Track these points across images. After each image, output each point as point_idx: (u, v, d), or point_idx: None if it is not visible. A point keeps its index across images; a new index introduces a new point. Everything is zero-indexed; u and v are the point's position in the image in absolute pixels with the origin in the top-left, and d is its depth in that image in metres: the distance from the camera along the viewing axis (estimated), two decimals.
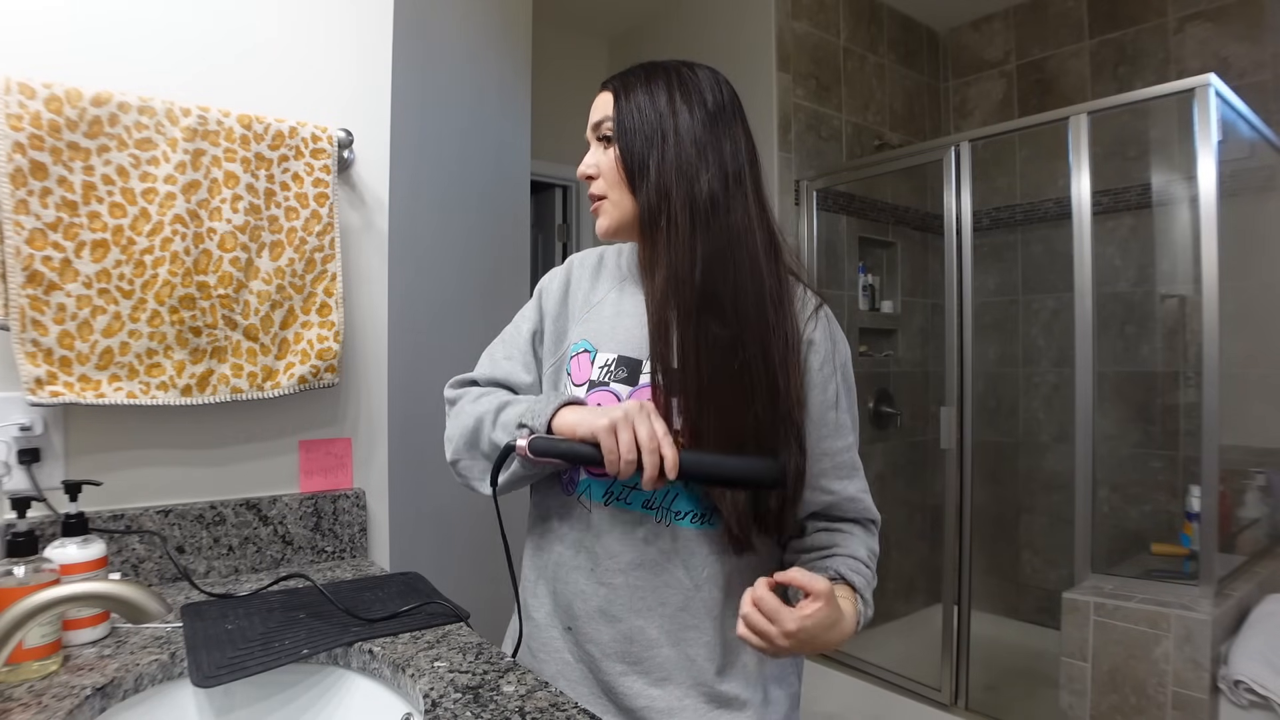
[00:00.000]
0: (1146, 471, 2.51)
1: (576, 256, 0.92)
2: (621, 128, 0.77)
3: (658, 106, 0.76)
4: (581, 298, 0.87)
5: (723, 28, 2.74)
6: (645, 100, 0.77)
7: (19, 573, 0.75)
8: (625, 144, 0.77)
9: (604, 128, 0.80)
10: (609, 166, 0.79)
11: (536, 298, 0.91)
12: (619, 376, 0.79)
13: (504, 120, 1.94)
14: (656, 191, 0.75)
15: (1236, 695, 1.57)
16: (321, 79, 1.20)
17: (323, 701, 0.83)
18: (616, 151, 0.78)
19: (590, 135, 0.82)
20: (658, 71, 0.79)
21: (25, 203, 0.91)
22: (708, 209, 0.74)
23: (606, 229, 0.81)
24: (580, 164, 0.83)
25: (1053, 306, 2.83)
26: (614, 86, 0.80)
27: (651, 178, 0.75)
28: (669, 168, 0.75)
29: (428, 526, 1.57)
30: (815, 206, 2.61)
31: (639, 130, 0.76)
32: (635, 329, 0.80)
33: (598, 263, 0.90)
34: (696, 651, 0.78)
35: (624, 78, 0.80)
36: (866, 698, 2.32)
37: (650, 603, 0.78)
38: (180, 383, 1.02)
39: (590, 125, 0.81)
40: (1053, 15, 2.85)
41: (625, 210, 0.79)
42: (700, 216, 0.74)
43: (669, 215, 0.74)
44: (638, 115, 0.77)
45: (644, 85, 0.78)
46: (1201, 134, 1.70)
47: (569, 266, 0.91)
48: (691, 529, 0.78)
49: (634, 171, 0.77)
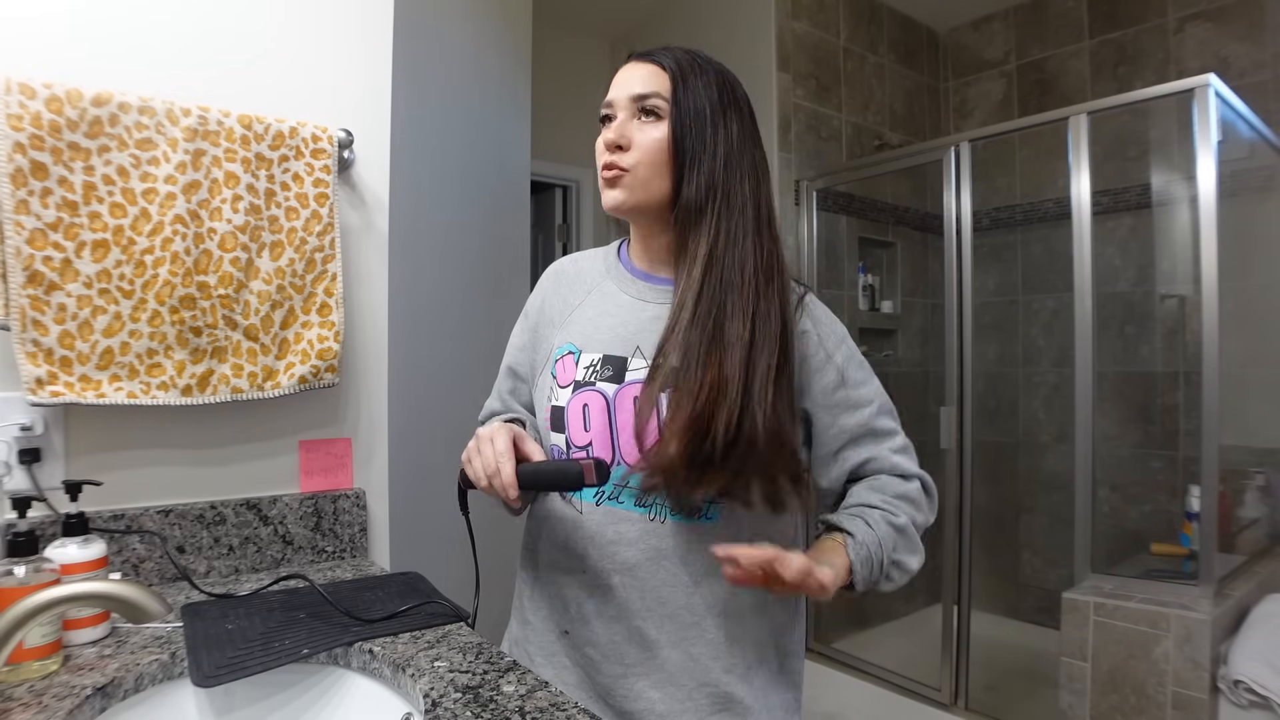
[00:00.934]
0: (1146, 471, 2.51)
1: (551, 268, 0.93)
2: (680, 110, 0.75)
3: (712, 99, 0.76)
4: (560, 303, 0.87)
5: (723, 28, 2.75)
6: (702, 90, 0.75)
7: (19, 573, 0.75)
8: (682, 128, 0.75)
9: (652, 102, 0.75)
10: (651, 145, 0.75)
11: (522, 320, 0.93)
12: (604, 375, 0.79)
13: (504, 120, 1.94)
14: (707, 184, 0.74)
15: (1236, 695, 1.57)
16: (322, 79, 1.20)
17: (323, 701, 0.83)
18: (669, 132, 0.75)
19: (624, 103, 0.77)
20: (707, 64, 0.78)
21: (26, 203, 0.91)
22: (748, 209, 0.76)
23: (623, 204, 0.77)
24: (606, 130, 0.78)
25: (1053, 306, 2.83)
26: (666, 65, 0.76)
27: (704, 169, 0.74)
28: (719, 164, 0.75)
29: (428, 526, 1.57)
30: (815, 206, 2.61)
31: (699, 118, 0.75)
32: (618, 327, 0.80)
33: (574, 267, 0.90)
34: (699, 650, 0.77)
35: (673, 58, 0.77)
36: (866, 698, 2.32)
37: (649, 602, 0.77)
38: (180, 383, 1.02)
39: (629, 95, 0.76)
40: (1053, 15, 2.85)
41: (654, 192, 0.76)
42: (739, 215, 0.75)
43: (714, 209, 0.74)
44: (697, 103, 0.75)
45: (699, 74, 0.76)
46: (1201, 134, 1.70)
47: (543, 281, 0.92)
48: (686, 523, 0.77)
49: (686, 158, 0.75)
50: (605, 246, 0.90)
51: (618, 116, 0.77)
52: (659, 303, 0.80)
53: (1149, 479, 2.49)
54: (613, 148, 0.77)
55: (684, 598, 0.77)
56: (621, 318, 0.81)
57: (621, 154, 0.76)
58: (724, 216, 0.75)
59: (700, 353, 0.72)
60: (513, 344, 0.94)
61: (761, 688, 0.80)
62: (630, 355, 0.78)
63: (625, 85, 0.77)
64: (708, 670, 0.77)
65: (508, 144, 1.95)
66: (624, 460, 0.77)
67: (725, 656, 0.77)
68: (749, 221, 0.76)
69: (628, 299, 0.83)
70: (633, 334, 0.80)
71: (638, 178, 0.76)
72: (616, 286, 0.84)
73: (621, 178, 0.76)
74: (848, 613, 2.69)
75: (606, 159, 0.77)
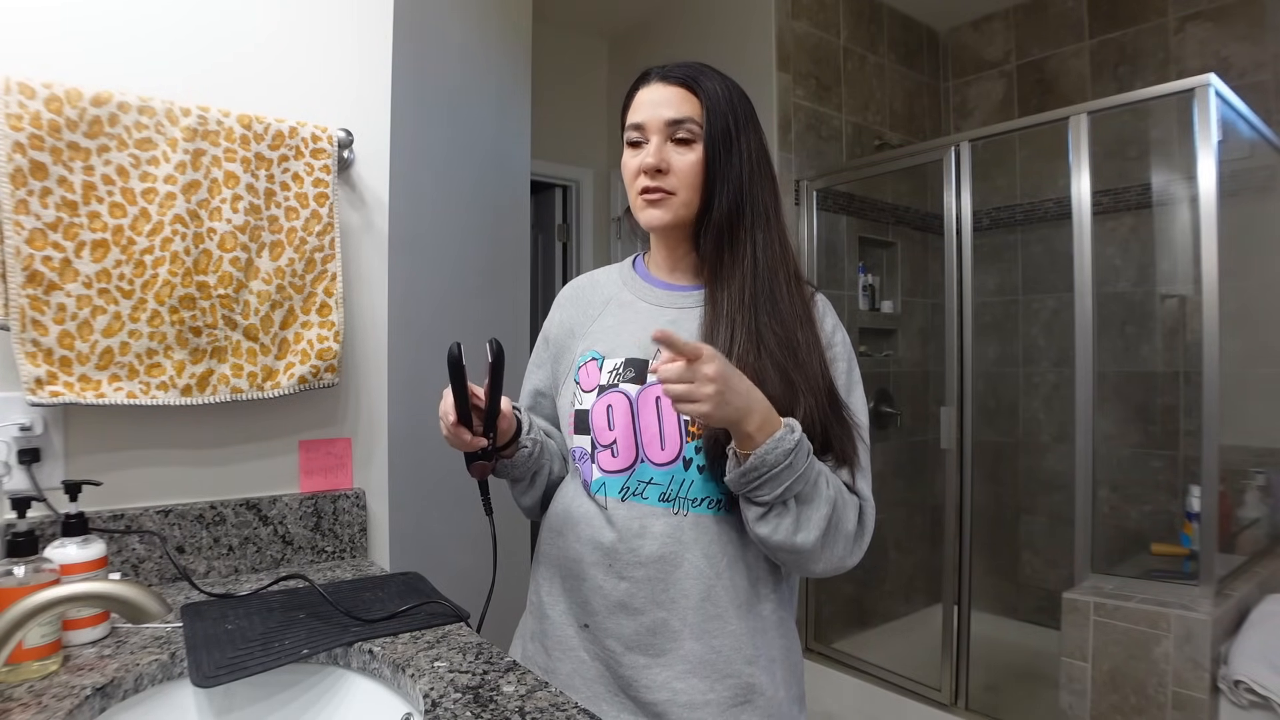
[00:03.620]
0: (1146, 471, 2.51)
1: (568, 287, 0.98)
2: (711, 135, 0.80)
3: (736, 119, 0.81)
4: (580, 316, 0.92)
5: (723, 27, 2.74)
6: (727, 110, 0.81)
7: (19, 573, 0.75)
8: (714, 152, 0.80)
9: (686, 128, 0.80)
10: (689, 169, 0.81)
11: (542, 343, 0.96)
12: (627, 377, 0.83)
13: (504, 120, 1.94)
14: (735, 199, 0.81)
15: (1236, 695, 1.57)
16: (321, 79, 1.20)
17: (323, 702, 0.83)
18: (703, 156, 0.80)
19: (658, 128, 0.81)
20: (726, 82, 0.83)
21: (25, 203, 0.91)
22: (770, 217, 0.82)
23: (665, 222, 0.82)
24: (642, 153, 0.82)
25: (1053, 306, 2.83)
26: (696, 90, 0.81)
27: (733, 186, 0.81)
28: (745, 179, 0.81)
29: (428, 526, 1.57)
30: (815, 206, 2.61)
31: (727, 139, 0.81)
32: (639, 333, 0.85)
33: (590, 284, 0.96)
34: (722, 643, 0.79)
35: (700, 82, 0.82)
36: (866, 698, 2.32)
37: (673, 594, 0.79)
38: (180, 383, 1.02)
39: (663, 120, 0.81)
40: (1053, 15, 2.85)
41: (693, 210, 0.82)
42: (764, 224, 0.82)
43: (744, 222, 0.81)
44: (724, 126, 0.81)
45: (725, 97, 0.82)
46: (1201, 134, 1.70)
47: (561, 303, 0.97)
48: (709, 515, 0.79)
49: (718, 178, 0.80)
50: (618, 263, 0.97)
51: (650, 140, 0.82)
52: (677, 307, 0.86)
53: (1149, 479, 2.49)
54: (652, 172, 0.81)
55: (707, 590, 0.79)
56: (642, 324, 0.86)
57: (662, 177, 0.81)
58: (754, 227, 0.81)
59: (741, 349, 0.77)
60: (533, 365, 0.98)
61: (783, 680, 0.82)
62: (652, 358, 0.82)
63: (656, 109, 0.82)
64: (730, 662, 0.79)
65: (508, 144, 1.95)
66: (647, 457, 0.80)
67: (748, 648, 0.79)
68: (773, 229, 0.83)
69: (647, 306, 0.88)
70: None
71: (680, 199, 0.81)
72: (634, 296, 0.90)
73: (666, 199, 0.82)
74: (846, 613, 2.70)
75: (647, 182, 0.82)
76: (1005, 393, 2.94)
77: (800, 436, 0.70)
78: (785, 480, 0.69)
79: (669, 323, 0.85)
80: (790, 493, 0.71)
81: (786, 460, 0.69)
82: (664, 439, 0.80)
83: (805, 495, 0.72)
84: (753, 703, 0.79)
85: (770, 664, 0.81)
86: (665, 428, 0.80)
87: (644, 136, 0.82)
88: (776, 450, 0.68)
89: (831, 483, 0.76)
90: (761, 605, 0.81)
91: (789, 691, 0.83)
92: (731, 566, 0.79)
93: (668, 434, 0.80)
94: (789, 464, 0.69)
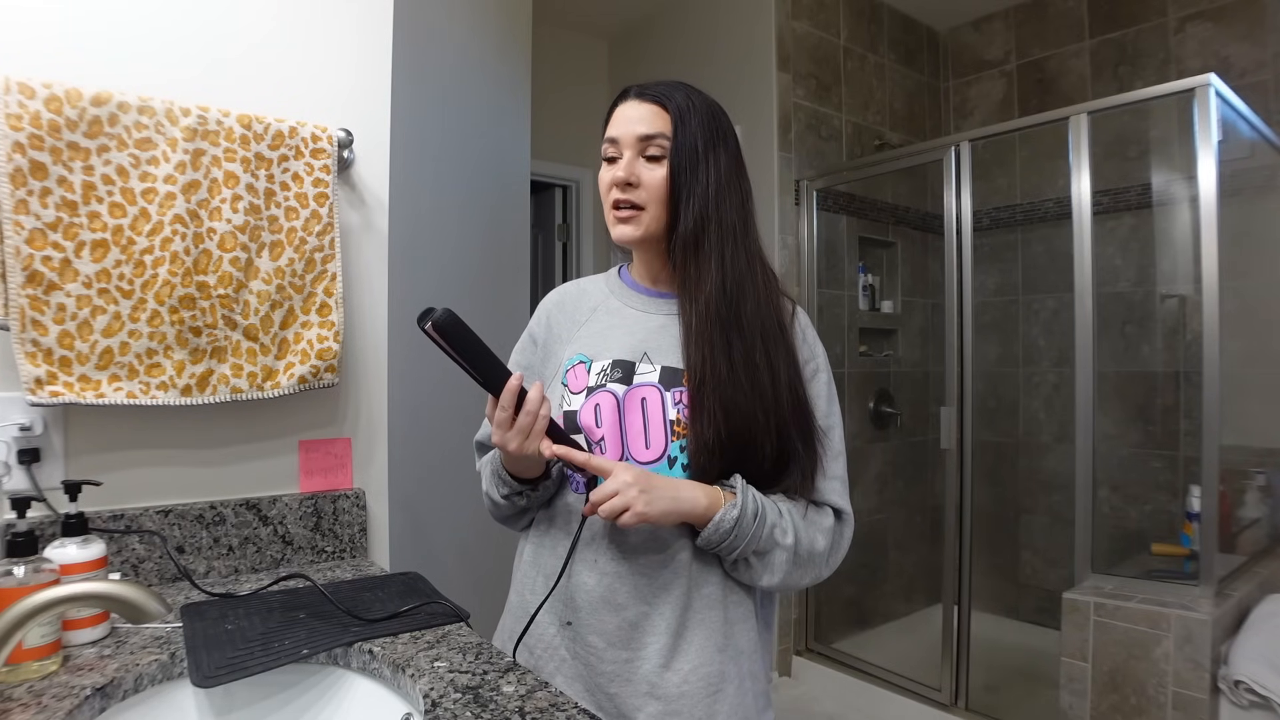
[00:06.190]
0: (1146, 471, 2.51)
1: (551, 295, 0.99)
2: (679, 153, 0.81)
3: (705, 137, 0.82)
4: (567, 321, 0.94)
5: (723, 28, 2.74)
6: (696, 128, 0.82)
7: (19, 573, 0.75)
8: (678, 166, 0.81)
9: (656, 143, 0.82)
10: (656, 183, 0.82)
11: (529, 344, 0.97)
12: (614, 377, 0.84)
13: (504, 120, 1.94)
14: (700, 215, 0.81)
15: (1237, 695, 1.57)
16: (321, 79, 1.20)
17: (323, 702, 0.83)
18: (669, 172, 0.82)
19: (630, 143, 0.82)
20: (700, 101, 0.84)
21: (25, 203, 0.91)
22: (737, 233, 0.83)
23: (635, 238, 0.84)
24: (615, 168, 0.84)
25: (1053, 306, 2.83)
26: (667, 106, 0.82)
27: (698, 201, 0.81)
28: (710, 196, 0.82)
29: (428, 526, 1.57)
30: (815, 206, 2.61)
31: (693, 156, 0.82)
32: (626, 336, 0.87)
33: (577, 291, 0.97)
34: (698, 635, 0.80)
35: (671, 98, 0.83)
36: (866, 698, 2.32)
37: (655, 588, 0.80)
38: (180, 383, 1.01)
39: (635, 136, 0.82)
40: (1053, 15, 2.85)
41: (661, 224, 0.84)
42: (731, 240, 0.82)
43: (709, 238, 0.81)
44: (691, 142, 0.82)
45: (696, 114, 0.83)
46: (1201, 134, 1.70)
47: (547, 307, 0.97)
48: None
49: (682, 193, 0.82)
50: (604, 273, 0.99)
51: (623, 155, 0.83)
52: (662, 314, 0.88)
53: (1149, 479, 2.49)
54: (623, 185, 0.83)
55: (687, 585, 0.81)
56: (629, 328, 0.88)
57: (632, 190, 0.83)
58: (719, 243, 0.82)
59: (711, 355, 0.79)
60: (517, 355, 0.98)
61: (750, 671, 0.85)
62: (638, 360, 0.85)
63: (629, 125, 0.83)
64: (703, 650, 0.80)
65: (508, 144, 1.95)
66: (632, 455, 0.81)
67: (720, 637, 0.82)
68: (740, 245, 0.83)
69: (634, 312, 0.90)
70: (640, 341, 0.86)
71: (649, 214, 0.83)
72: (621, 303, 0.92)
73: (638, 215, 0.83)
74: (847, 614, 2.70)
75: (618, 196, 0.84)
76: (1005, 393, 2.94)
77: (739, 513, 0.76)
78: (736, 547, 0.77)
79: (657, 328, 0.86)
80: (744, 553, 0.78)
81: (729, 537, 0.77)
82: (649, 437, 0.81)
83: (761, 550, 0.79)
84: (723, 691, 0.81)
85: (739, 655, 0.83)
86: (650, 426, 0.82)
87: (618, 151, 0.84)
88: (718, 531, 0.76)
89: (789, 527, 0.80)
90: (740, 598, 0.84)
91: (758, 669, 0.86)
92: (710, 562, 0.82)
93: (653, 432, 0.81)
94: (733, 539, 0.77)
